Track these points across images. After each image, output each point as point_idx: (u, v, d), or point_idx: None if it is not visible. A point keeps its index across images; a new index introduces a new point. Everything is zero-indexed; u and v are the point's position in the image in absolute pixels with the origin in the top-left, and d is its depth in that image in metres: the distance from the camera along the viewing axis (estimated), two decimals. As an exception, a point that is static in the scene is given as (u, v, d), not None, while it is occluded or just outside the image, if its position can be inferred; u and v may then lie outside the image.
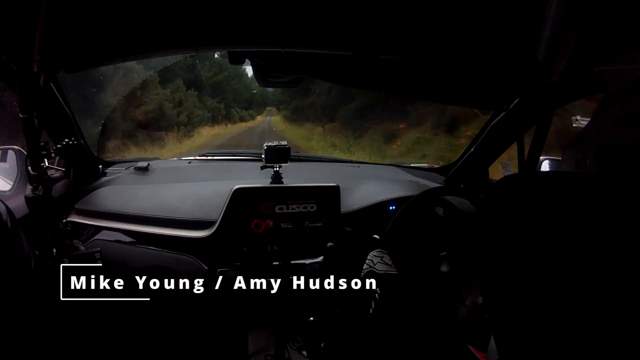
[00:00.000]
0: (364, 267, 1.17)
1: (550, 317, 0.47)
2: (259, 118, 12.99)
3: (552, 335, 0.47)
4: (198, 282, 1.21)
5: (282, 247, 1.27)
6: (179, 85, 8.79)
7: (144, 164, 1.50)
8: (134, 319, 1.19)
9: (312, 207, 1.27)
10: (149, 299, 1.19)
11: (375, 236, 1.22)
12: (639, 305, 0.43)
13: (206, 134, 9.55)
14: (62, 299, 1.00)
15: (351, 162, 1.83)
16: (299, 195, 1.27)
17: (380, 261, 1.15)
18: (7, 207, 0.76)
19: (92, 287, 1.10)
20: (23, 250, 0.80)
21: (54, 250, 1.02)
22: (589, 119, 0.60)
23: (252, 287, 1.25)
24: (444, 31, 0.94)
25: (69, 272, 1.01)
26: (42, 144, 0.98)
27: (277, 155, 1.25)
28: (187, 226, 1.24)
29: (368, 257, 1.18)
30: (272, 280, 1.27)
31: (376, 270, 1.14)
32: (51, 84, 1.05)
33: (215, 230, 1.22)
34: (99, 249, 1.05)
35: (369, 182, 1.47)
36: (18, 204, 1.02)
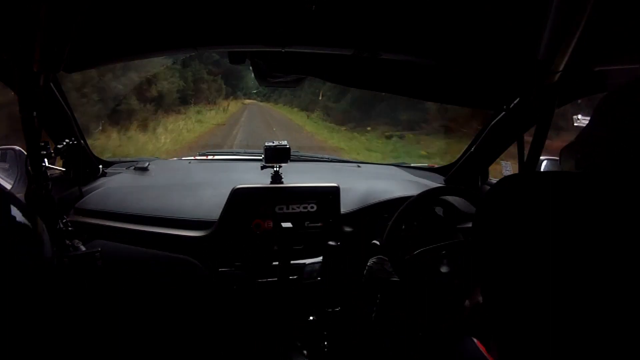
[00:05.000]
0: (365, 274, 1.16)
1: (550, 316, 0.47)
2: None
3: (551, 334, 0.47)
4: (198, 282, 1.21)
5: (282, 247, 1.27)
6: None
7: (144, 163, 1.50)
8: (134, 319, 1.19)
9: (312, 207, 1.27)
10: (148, 299, 1.19)
11: (375, 242, 1.20)
12: (638, 304, 0.43)
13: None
14: (62, 298, 1.00)
15: (351, 162, 1.83)
16: (299, 195, 1.27)
17: (381, 268, 1.14)
18: (23, 205, 0.76)
19: (92, 287, 1.10)
20: (44, 245, 0.80)
21: (54, 250, 1.02)
22: (589, 119, 0.60)
23: (252, 287, 1.25)
24: (444, 31, 0.94)
25: (69, 271, 1.01)
26: (42, 144, 0.98)
27: (277, 155, 1.25)
28: (187, 226, 1.24)
29: (368, 264, 1.16)
30: (272, 281, 1.27)
31: (377, 277, 1.13)
32: (51, 84, 1.05)
33: (214, 230, 1.22)
34: (99, 249, 1.05)
35: (369, 182, 1.47)
36: (18, 204, 1.02)
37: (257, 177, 1.33)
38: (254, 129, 8.32)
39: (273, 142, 1.25)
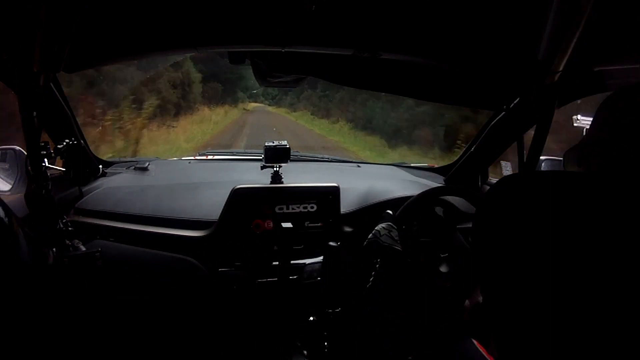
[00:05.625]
0: (369, 237, 1.17)
1: (550, 317, 0.47)
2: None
3: (551, 334, 0.47)
4: (198, 282, 1.21)
5: (282, 247, 1.27)
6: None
7: (144, 163, 1.50)
8: (134, 319, 1.20)
9: (312, 207, 1.27)
10: (148, 299, 1.19)
11: (389, 211, 1.22)
12: (638, 304, 0.43)
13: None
14: (61, 299, 1.00)
15: (351, 162, 1.83)
16: (299, 195, 1.27)
17: (388, 234, 1.15)
18: (4, 205, 0.76)
19: (92, 287, 1.10)
20: (21, 248, 0.80)
21: (54, 250, 1.02)
22: (590, 119, 0.60)
23: (252, 287, 1.25)
24: (444, 31, 0.94)
25: (69, 272, 1.01)
26: (42, 144, 0.98)
27: (277, 155, 1.25)
28: (187, 226, 1.24)
29: (376, 228, 1.18)
30: (272, 281, 1.27)
31: (381, 242, 1.14)
32: (51, 84, 1.05)
33: (214, 230, 1.22)
34: (99, 249, 1.05)
35: (369, 182, 1.47)
36: (18, 204, 1.02)
37: (257, 177, 1.33)
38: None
39: (273, 142, 1.25)
